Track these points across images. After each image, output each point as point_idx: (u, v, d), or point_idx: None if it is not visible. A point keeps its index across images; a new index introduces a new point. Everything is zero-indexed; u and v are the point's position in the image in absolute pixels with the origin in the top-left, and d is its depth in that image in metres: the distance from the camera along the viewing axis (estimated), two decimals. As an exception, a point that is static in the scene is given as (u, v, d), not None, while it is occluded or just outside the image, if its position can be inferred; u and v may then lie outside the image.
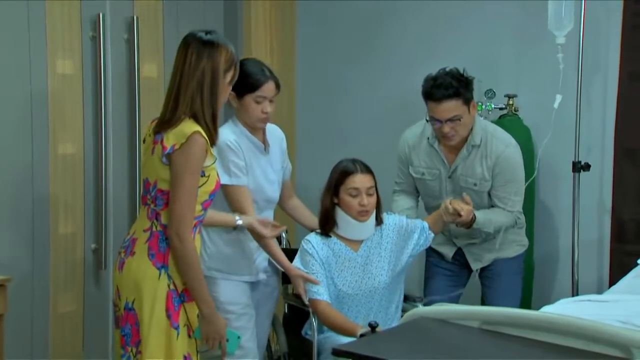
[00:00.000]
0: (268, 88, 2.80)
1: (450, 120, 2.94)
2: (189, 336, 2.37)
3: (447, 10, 3.81)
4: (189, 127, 2.28)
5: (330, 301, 2.79)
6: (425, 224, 2.97)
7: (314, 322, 2.84)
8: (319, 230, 2.90)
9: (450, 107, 2.93)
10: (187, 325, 2.37)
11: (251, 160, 2.83)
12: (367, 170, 2.86)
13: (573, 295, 3.27)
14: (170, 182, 2.29)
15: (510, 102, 3.54)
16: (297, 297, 2.99)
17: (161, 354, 2.30)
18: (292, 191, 3.13)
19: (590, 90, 3.46)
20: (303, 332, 2.97)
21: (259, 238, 2.80)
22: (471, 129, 3.01)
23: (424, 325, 2.16)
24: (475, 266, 3.16)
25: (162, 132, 2.30)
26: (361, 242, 2.88)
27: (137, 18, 3.35)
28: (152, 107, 3.47)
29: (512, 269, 3.15)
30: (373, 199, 2.84)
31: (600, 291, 3.33)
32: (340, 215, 2.85)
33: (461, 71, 2.98)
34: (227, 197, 2.80)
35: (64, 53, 3.14)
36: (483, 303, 3.22)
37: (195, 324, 2.39)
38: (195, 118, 2.30)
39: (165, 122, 2.30)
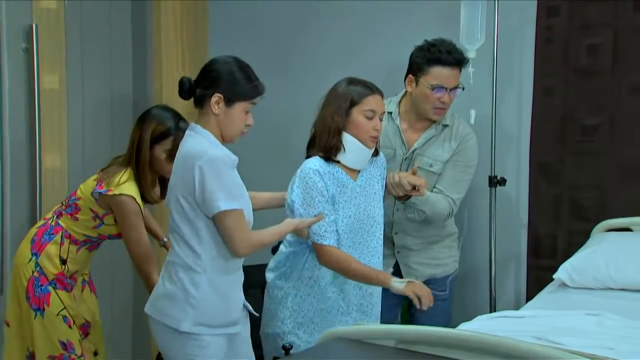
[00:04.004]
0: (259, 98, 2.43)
1: (453, 88, 2.88)
2: (69, 326, 2.62)
3: (364, 22, 3.78)
4: (124, 186, 2.67)
5: (336, 243, 2.58)
6: None
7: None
8: (319, 154, 2.60)
9: (456, 74, 2.89)
10: (63, 316, 2.62)
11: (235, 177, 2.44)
12: (382, 94, 2.65)
13: (491, 311, 3.25)
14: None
15: (428, 117, 3.51)
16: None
17: (24, 332, 2.64)
18: None
19: (505, 105, 3.46)
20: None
21: None
22: None
23: (338, 346, 2.08)
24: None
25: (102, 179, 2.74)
26: (358, 172, 2.68)
27: (37, 26, 3.16)
28: (53, 119, 3.28)
29: (446, 294, 3.10)
30: (381, 127, 2.65)
31: (517, 307, 3.32)
32: (348, 139, 2.59)
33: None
34: (224, 225, 2.31)
35: (-45, 63, 2.94)
36: (405, 319, 3.17)
37: (78, 316, 2.67)
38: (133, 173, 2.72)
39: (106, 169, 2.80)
